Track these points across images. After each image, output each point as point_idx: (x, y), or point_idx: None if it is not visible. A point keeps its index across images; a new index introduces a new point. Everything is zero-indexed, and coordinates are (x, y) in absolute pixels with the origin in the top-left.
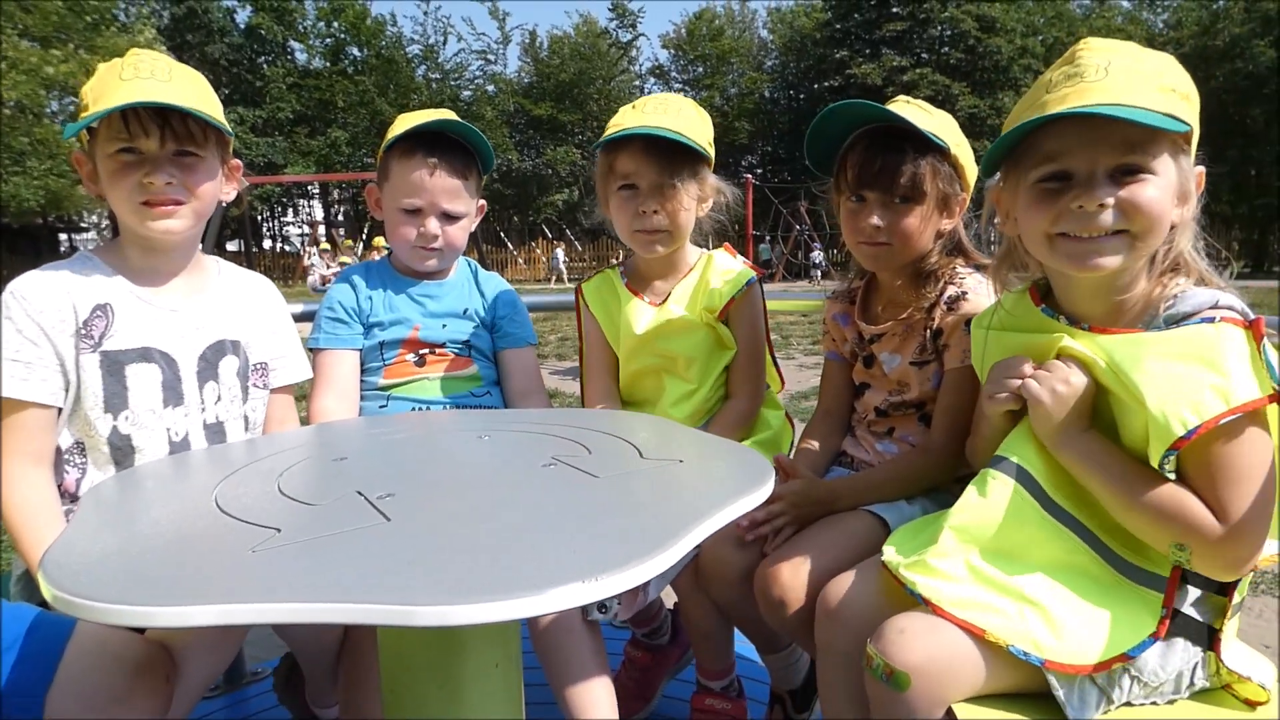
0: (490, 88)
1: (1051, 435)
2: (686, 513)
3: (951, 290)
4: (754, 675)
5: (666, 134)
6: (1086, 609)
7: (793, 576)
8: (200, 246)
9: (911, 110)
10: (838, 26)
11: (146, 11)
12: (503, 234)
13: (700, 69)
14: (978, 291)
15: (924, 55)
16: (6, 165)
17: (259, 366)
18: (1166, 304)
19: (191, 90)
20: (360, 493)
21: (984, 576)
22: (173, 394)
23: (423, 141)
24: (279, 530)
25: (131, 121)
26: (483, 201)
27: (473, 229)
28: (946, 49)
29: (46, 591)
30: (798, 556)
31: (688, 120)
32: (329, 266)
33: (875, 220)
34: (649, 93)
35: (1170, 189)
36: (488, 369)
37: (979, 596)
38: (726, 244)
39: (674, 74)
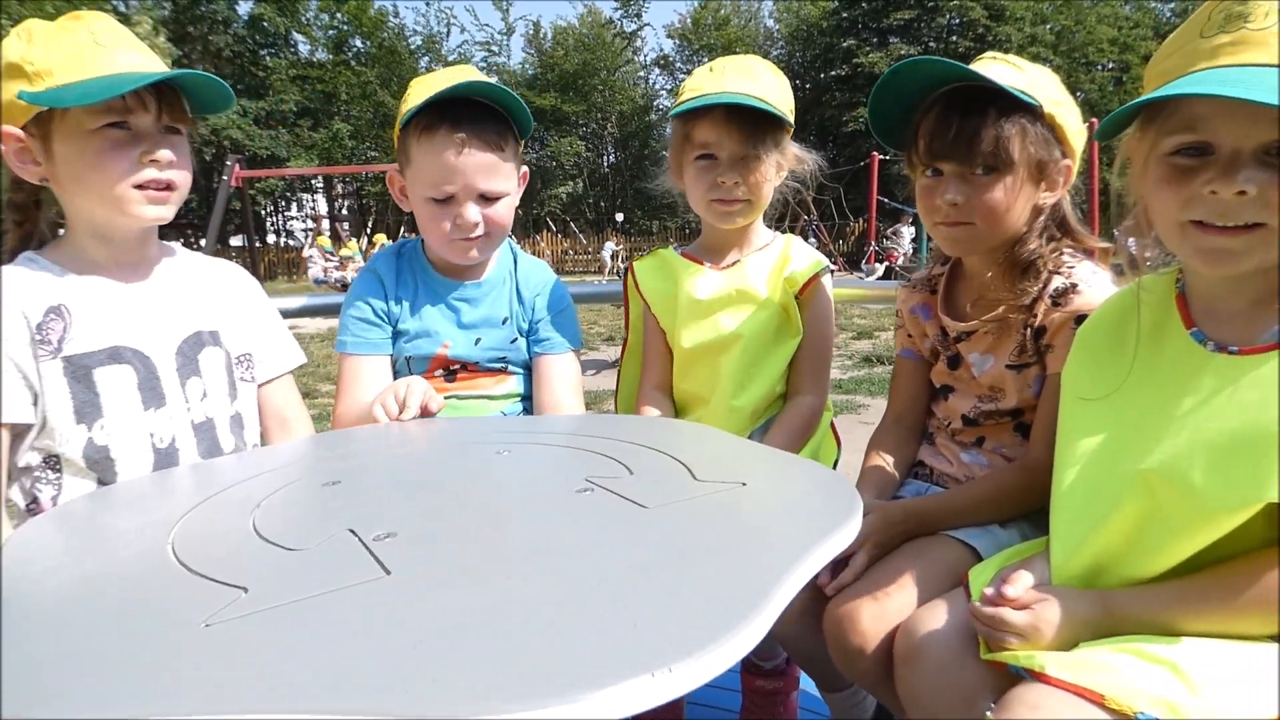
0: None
1: (1068, 644)
2: (767, 559)
3: (1058, 281)
4: (813, 707)
5: (750, 102)
6: (1228, 655)
7: (873, 620)
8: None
9: (998, 67)
10: (844, 15)
11: (149, 3)
12: None
13: (705, 59)
14: (1090, 283)
15: (932, 44)
16: None
17: (242, 359)
18: None
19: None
20: (353, 531)
21: None
22: (152, 395)
23: (445, 112)
24: (245, 590)
25: (128, 94)
26: (525, 169)
27: (518, 203)
28: (955, 37)
29: None
30: (877, 595)
31: (769, 85)
32: (328, 259)
33: (952, 196)
34: (653, 83)
35: None
36: (528, 383)
37: (1089, 655)
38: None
39: (679, 64)
